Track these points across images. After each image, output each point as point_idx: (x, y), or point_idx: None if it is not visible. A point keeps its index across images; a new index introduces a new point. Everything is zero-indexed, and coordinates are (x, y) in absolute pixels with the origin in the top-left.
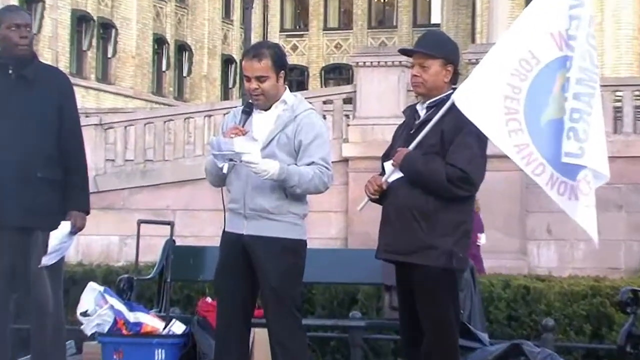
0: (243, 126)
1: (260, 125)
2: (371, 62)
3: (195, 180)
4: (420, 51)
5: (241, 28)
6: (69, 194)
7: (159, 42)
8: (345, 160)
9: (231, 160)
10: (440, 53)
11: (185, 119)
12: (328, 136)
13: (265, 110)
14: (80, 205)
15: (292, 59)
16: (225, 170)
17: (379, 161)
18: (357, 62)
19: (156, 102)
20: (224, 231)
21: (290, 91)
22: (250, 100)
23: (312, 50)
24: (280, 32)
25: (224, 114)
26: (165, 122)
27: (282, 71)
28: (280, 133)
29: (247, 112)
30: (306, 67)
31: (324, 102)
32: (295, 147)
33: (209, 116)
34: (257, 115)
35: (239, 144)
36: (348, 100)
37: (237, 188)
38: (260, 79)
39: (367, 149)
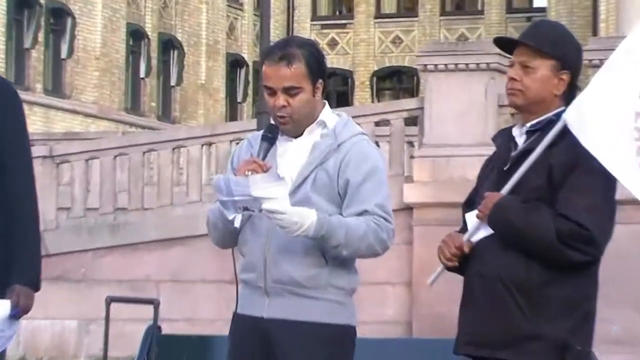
0: (264, 160)
1: (289, 159)
2: (446, 64)
3: (189, 238)
4: (527, 43)
5: (255, 15)
6: (10, 259)
7: (136, 36)
8: (408, 209)
9: (246, 209)
10: (554, 51)
11: (173, 148)
12: (386, 173)
13: (296, 136)
14: (26, 278)
15: (330, 60)
16: (237, 224)
17: (458, 211)
18: (426, 65)
19: (131, 124)
20: (235, 313)
21: (330, 107)
22: (273, 122)
23: (359, 48)
24: (312, 21)
25: (233, 142)
26: (144, 153)
27: (321, 80)
28: (318, 169)
29: (270, 139)
30: (350, 71)
31: (377, 124)
32: (339, 189)
33: (209, 144)
34: (284, 144)
35: (258, 186)
36: (412, 121)
37: (254, 250)
38: (289, 91)
39: (439, 192)
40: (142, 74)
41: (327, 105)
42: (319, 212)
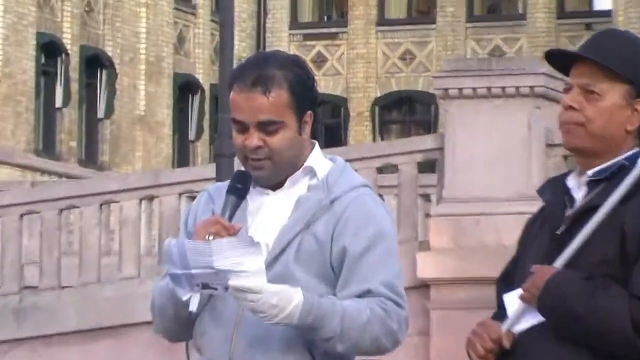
0: (231, 219)
1: (264, 218)
2: (474, 88)
3: (122, 327)
4: (592, 58)
5: (213, 22)
6: None
7: (50, 50)
8: (423, 287)
9: (207, 286)
10: (628, 71)
11: (101, 204)
12: (395, 239)
13: (274, 188)
14: None
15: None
16: (193, 308)
17: (491, 289)
18: (447, 90)
19: (43, 171)
20: None
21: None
22: (243, 169)
23: (356, 66)
24: (290, 29)
25: (183, 195)
26: (61, 210)
27: (310, 112)
28: (304, 234)
29: (239, 191)
30: (343, 99)
31: (380, 170)
32: (332, 261)
33: (151, 199)
34: (258, 199)
35: (223, 254)
36: (428, 166)
37: (215, 344)
38: (267, 127)
39: (465, 264)
40: (58, 103)
41: (317, 146)
42: (306, 292)
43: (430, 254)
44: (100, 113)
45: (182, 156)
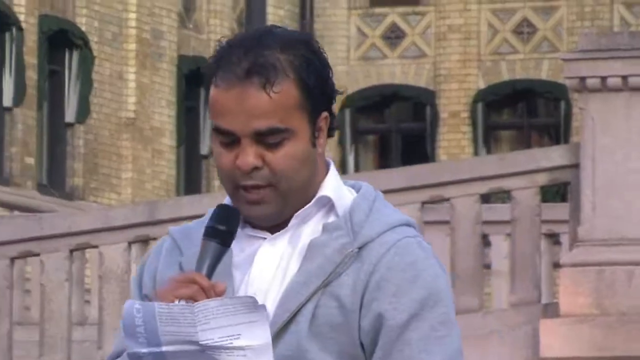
0: (210, 277)
1: (261, 275)
2: (625, 75)
3: None
4: None
5: None
6: None
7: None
8: None
9: None
10: None
11: (72, 250)
12: (452, 303)
13: (272, 230)
14: None
15: (390, 71)
16: None
17: None
18: (583, 78)
19: None
20: None
21: (398, 160)
22: (227, 203)
23: (448, 44)
24: None
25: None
26: (12, 260)
27: (325, 112)
28: (322, 295)
29: (222, 235)
30: (430, 92)
31: (485, 200)
32: (362, 335)
33: (146, 241)
34: (248, 246)
35: (211, 323)
36: (555, 192)
37: None
38: (267, 139)
39: (613, 337)
40: (6, 101)
41: (332, 167)
42: None
43: (561, 323)
44: (70, 115)
45: (190, 179)
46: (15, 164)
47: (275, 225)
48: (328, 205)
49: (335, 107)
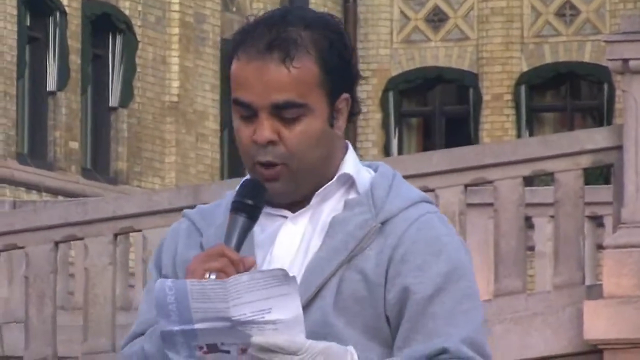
0: (238, 251)
1: (283, 253)
2: None
3: None
4: None
5: None
6: None
7: (38, 6)
8: (595, 352)
9: (214, 350)
10: None
11: (116, 234)
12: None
13: (293, 208)
14: None
15: (433, 54)
16: None
17: None
18: (626, 60)
19: (29, 186)
20: None
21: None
22: (251, 177)
23: (492, 26)
24: None
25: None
26: (56, 244)
27: (346, 94)
28: (346, 270)
29: (250, 209)
30: (473, 75)
31: (529, 182)
32: (387, 308)
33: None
34: (270, 225)
35: (243, 298)
36: (599, 175)
37: None
38: (284, 113)
39: None
40: (51, 85)
41: (350, 148)
42: (361, 353)
43: (605, 305)
44: (114, 100)
45: (234, 162)
46: (59, 148)
47: (296, 203)
48: (348, 183)
49: (359, 91)
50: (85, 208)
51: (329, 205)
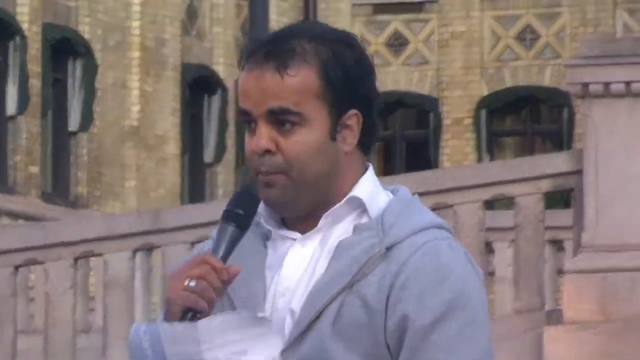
0: (225, 261)
1: (290, 275)
2: (628, 81)
3: None
4: None
5: None
6: None
7: None
8: None
9: None
10: None
11: (76, 258)
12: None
13: (303, 230)
14: None
15: (393, 77)
16: None
17: None
18: (586, 84)
19: None
20: None
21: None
22: (247, 186)
23: (452, 51)
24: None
25: (195, 245)
26: (16, 268)
27: (355, 110)
28: (347, 295)
29: (240, 218)
30: (433, 99)
31: (489, 206)
32: (388, 336)
33: (150, 249)
34: (281, 247)
35: (216, 339)
36: (559, 199)
37: None
38: (279, 120)
39: (617, 344)
40: (10, 109)
41: (370, 170)
42: None
43: (565, 330)
44: (74, 124)
45: (194, 186)
46: (19, 172)
47: (307, 225)
48: (359, 206)
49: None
50: (46, 232)
51: (339, 228)
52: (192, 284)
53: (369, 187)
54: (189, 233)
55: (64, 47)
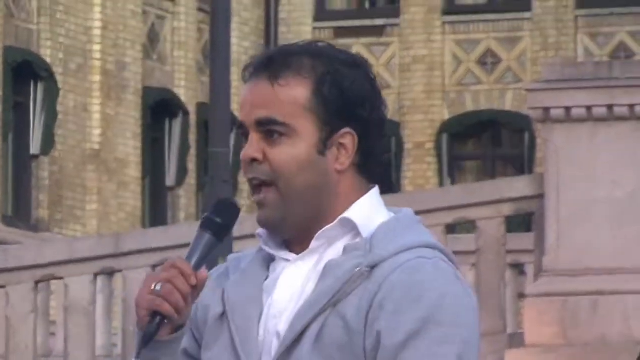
0: (198, 267)
1: (283, 297)
2: (589, 105)
3: None
4: None
5: (201, 11)
6: None
7: None
8: None
9: None
10: None
11: (37, 282)
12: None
13: (299, 251)
14: None
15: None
16: None
17: None
18: (547, 109)
19: None
20: None
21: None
22: (226, 197)
23: (413, 75)
24: (316, 21)
25: (158, 269)
26: None
27: (348, 129)
28: (330, 314)
29: (216, 228)
30: (395, 123)
31: (450, 230)
32: (367, 357)
33: (111, 274)
34: (278, 268)
35: None
36: (520, 223)
37: None
38: (267, 131)
39: None
40: None
41: (374, 192)
42: None
43: (526, 353)
44: (35, 147)
45: (156, 210)
46: None
47: (303, 247)
48: (351, 227)
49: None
50: (6, 256)
51: (334, 249)
52: (158, 287)
53: (365, 209)
54: (150, 257)
55: (26, 70)
